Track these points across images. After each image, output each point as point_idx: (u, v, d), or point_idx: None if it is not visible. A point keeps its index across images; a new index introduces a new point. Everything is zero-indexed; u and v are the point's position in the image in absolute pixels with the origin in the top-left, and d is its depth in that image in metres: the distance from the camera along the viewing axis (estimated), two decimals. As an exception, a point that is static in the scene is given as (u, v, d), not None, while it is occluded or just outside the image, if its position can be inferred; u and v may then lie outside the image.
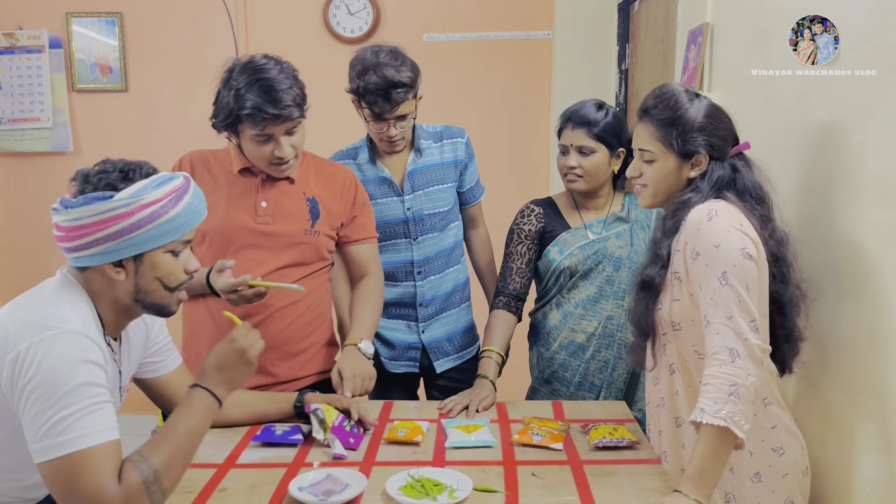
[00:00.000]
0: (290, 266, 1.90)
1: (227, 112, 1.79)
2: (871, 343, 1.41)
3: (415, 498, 1.37)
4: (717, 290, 1.38)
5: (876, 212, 1.40)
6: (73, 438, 1.21)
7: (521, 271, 2.04)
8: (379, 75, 1.98)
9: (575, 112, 2.00)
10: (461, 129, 2.27)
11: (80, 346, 1.26)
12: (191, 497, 1.41)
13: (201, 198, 1.44)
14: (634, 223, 2.04)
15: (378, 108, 2.03)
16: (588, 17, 3.50)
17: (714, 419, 1.31)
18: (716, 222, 1.42)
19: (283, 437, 1.65)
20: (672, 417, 1.59)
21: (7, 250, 3.80)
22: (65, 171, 4.24)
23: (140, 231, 1.32)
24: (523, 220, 2.07)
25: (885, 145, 1.36)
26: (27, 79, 3.65)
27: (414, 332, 2.27)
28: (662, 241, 1.55)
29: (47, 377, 1.22)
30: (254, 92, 1.75)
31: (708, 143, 1.52)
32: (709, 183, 1.52)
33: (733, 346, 1.35)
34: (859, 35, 1.45)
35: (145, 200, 1.32)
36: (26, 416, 1.23)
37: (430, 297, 2.25)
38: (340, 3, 3.63)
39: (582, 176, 1.99)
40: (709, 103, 1.55)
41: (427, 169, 2.20)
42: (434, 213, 2.21)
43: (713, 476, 1.33)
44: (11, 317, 1.30)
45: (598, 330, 2.00)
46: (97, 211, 1.30)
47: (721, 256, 1.39)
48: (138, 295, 1.38)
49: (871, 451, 1.40)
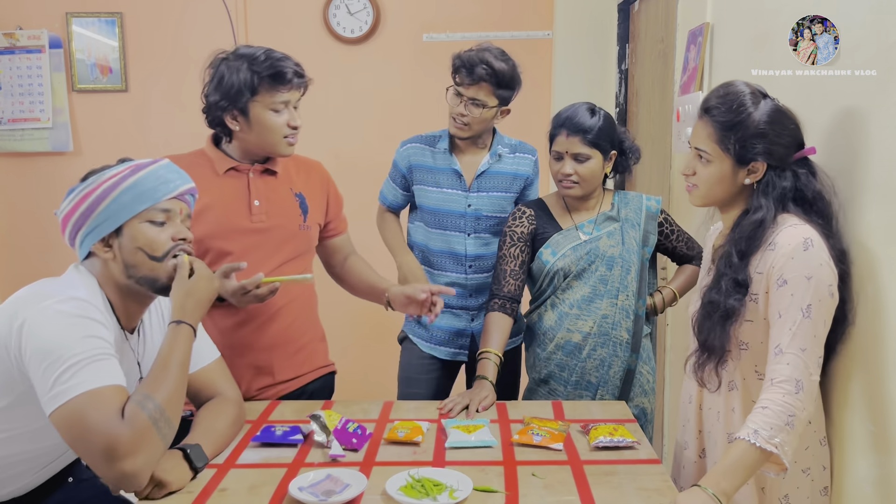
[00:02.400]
0: (288, 262, 1.92)
1: (242, 84, 1.77)
2: (870, 343, 1.41)
3: (415, 498, 1.37)
4: (799, 322, 1.37)
5: (876, 212, 1.40)
6: (79, 383, 1.29)
7: (515, 273, 2.05)
8: (478, 53, 2.13)
9: (569, 119, 1.98)
10: (533, 148, 2.38)
11: (80, 307, 1.36)
12: (191, 497, 1.41)
13: (176, 171, 1.52)
14: (625, 222, 2.05)
15: (459, 78, 2.15)
16: (588, 17, 3.50)
17: (767, 444, 1.32)
18: (811, 254, 1.39)
19: (283, 437, 1.65)
20: (726, 433, 1.58)
21: (7, 250, 3.80)
22: (65, 171, 4.25)
23: (106, 202, 1.43)
24: (515, 222, 2.08)
25: (885, 145, 1.36)
26: (27, 79, 3.65)
27: (463, 321, 2.33)
28: (740, 267, 1.49)
29: (51, 335, 1.31)
30: (269, 58, 1.79)
31: (767, 150, 1.46)
32: (773, 199, 1.47)
33: (800, 379, 1.35)
34: (859, 35, 1.45)
35: (105, 176, 1.45)
36: (36, 376, 1.31)
37: (479, 291, 2.31)
38: (340, 3, 3.63)
39: (578, 182, 1.99)
40: (774, 107, 1.48)
41: (497, 175, 2.29)
42: (491, 216, 2.28)
43: (738, 483, 1.34)
44: (19, 296, 1.40)
45: (594, 329, 2.01)
46: (71, 198, 1.45)
47: (811, 289, 1.38)
48: (129, 271, 1.46)
49: (871, 451, 1.40)
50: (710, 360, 1.56)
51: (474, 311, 2.33)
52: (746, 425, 1.35)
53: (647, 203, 2.08)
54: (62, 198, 1.48)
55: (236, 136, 1.86)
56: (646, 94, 3.05)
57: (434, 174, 2.28)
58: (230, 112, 1.81)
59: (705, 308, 1.55)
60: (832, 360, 1.51)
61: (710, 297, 1.54)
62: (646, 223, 2.06)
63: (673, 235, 2.12)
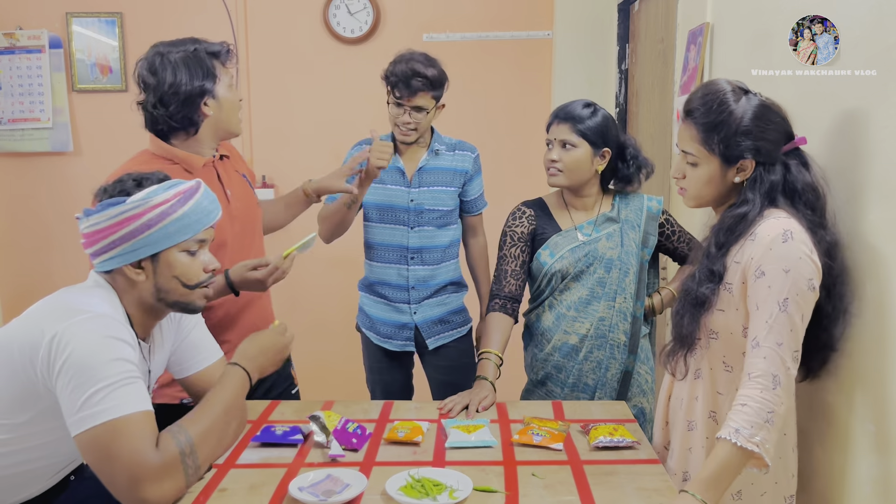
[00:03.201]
0: (260, 239, 2.07)
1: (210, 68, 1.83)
2: (871, 343, 1.41)
3: (415, 498, 1.37)
4: (776, 315, 1.36)
5: (876, 212, 1.40)
6: (109, 408, 1.28)
7: (516, 273, 2.05)
8: (407, 65, 2.27)
9: (563, 108, 2.02)
10: (473, 146, 2.52)
11: (110, 325, 1.35)
12: (191, 497, 1.41)
13: (213, 199, 1.51)
14: (624, 223, 2.04)
15: (398, 92, 2.29)
16: (588, 17, 3.50)
17: (748, 443, 1.31)
18: (790, 246, 1.38)
19: (283, 437, 1.65)
20: (686, 420, 1.59)
21: (7, 250, 3.80)
22: (65, 171, 4.24)
23: (151, 231, 1.40)
24: (515, 222, 2.07)
25: (885, 145, 1.36)
26: (27, 79, 3.65)
27: (406, 315, 2.47)
28: (717, 257, 1.49)
29: (82, 355, 1.29)
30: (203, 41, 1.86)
31: (754, 147, 1.44)
32: (760, 194, 1.45)
33: (777, 374, 1.34)
34: (859, 35, 1.45)
35: (154, 202, 1.41)
36: (63, 394, 1.30)
37: (421, 283, 2.45)
38: (340, 3, 3.63)
39: (562, 171, 1.99)
40: (758, 103, 1.46)
41: (436, 170, 2.44)
42: (433, 210, 2.42)
43: (724, 486, 1.34)
44: (42, 309, 1.39)
45: (591, 331, 2.00)
46: (111, 215, 1.40)
47: (788, 282, 1.36)
48: (160, 294, 1.47)
49: (871, 451, 1.40)
50: (681, 349, 1.57)
51: (415, 304, 2.47)
52: (727, 424, 1.35)
53: (649, 203, 2.07)
54: (62, 198, 1.47)
55: (207, 123, 1.86)
56: (646, 94, 3.05)
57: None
58: (204, 99, 1.83)
59: (681, 298, 1.57)
60: (834, 358, 1.52)
61: (685, 286, 1.55)
62: (646, 224, 2.05)
63: (674, 236, 2.11)
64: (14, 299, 3.71)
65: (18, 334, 1.36)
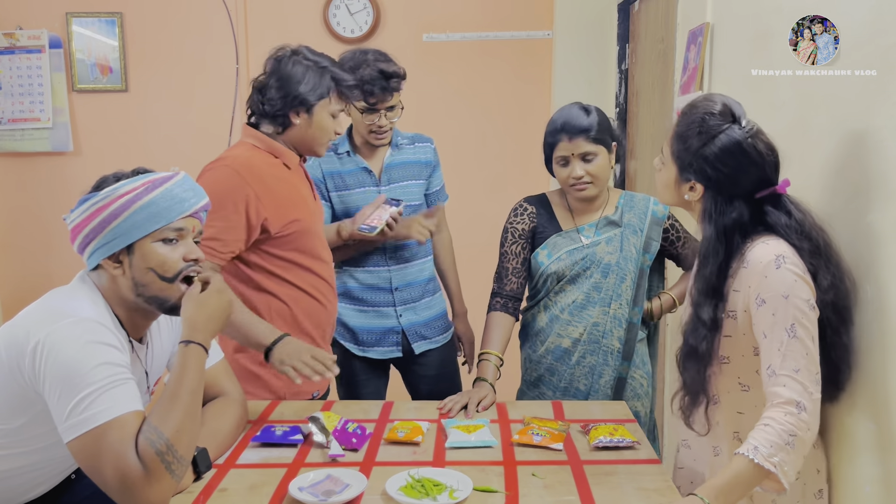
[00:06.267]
0: None
1: (326, 87, 1.88)
2: (871, 343, 1.41)
3: (415, 498, 1.37)
4: (786, 343, 1.35)
5: (876, 212, 1.40)
6: (94, 414, 1.27)
7: (517, 271, 2.04)
8: (374, 68, 2.16)
9: (566, 123, 1.95)
10: (429, 137, 2.47)
11: (94, 330, 1.33)
12: (191, 497, 1.41)
13: (189, 188, 1.47)
14: (626, 227, 2.01)
15: (374, 99, 2.18)
16: (588, 17, 3.50)
17: (766, 462, 1.30)
18: (784, 271, 1.37)
19: (283, 437, 1.65)
20: (710, 447, 1.58)
21: (7, 250, 3.80)
22: (65, 171, 4.24)
23: (119, 219, 1.39)
24: (516, 218, 2.06)
25: (885, 145, 1.36)
26: (27, 79, 3.65)
27: (391, 319, 2.36)
28: (704, 305, 1.46)
29: (66, 361, 1.29)
30: (351, 71, 2.01)
31: (704, 174, 1.43)
32: (716, 226, 1.43)
33: (800, 400, 1.33)
34: (859, 35, 1.45)
35: (122, 191, 1.40)
36: (51, 402, 1.30)
37: (404, 282, 2.36)
38: (340, 3, 3.63)
39: (591, 182, 1.96)
40: (736, 140, 1.41)
41: (403, 165, 2.38)
42: (407, 205, 2.33)
43: (734, 498, 1.33)
44: (30, 313, 1.38)
45: (584, 336, 1.99)
46: (85, 208, 1.41)
47: (790, 307, 1.35)
48: (138, 289, 1.44)
49: (871, 451, 1.40)
50: (697, 405, 1.53)
51: (400, 306, 2.36)
52: (748, 441, 1.33)
53: (654, 208, 2.04)
54: (62, 198, 1.48)
55: (295, 131, 1.92)
56: (646, 94, 3.05)
57: (344, 178, 2.32)
58: (298, 108, 1.88)
59: (682, 347, 1.54)
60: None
61: (685, 336, 1.52)
62: (649, 229, 2.02)
63: (679, 242, 2.07)
64: (14, 299, 3.71)
65: (7, 338, 1.35)
